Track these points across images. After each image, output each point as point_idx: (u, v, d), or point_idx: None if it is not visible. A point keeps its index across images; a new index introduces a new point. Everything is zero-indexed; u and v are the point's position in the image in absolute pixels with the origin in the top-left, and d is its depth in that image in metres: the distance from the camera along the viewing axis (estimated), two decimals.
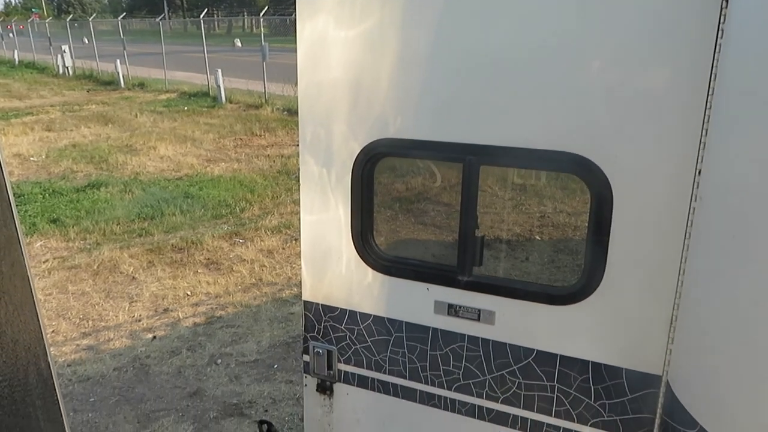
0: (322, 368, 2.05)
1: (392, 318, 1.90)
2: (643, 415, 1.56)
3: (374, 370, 1.97)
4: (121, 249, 7.38)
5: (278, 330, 5.65)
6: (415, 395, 1.92)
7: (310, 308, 2.04)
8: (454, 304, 1.78)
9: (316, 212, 1.96)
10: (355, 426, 2.08)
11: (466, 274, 1.74)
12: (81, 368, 4.99)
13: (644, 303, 1.52)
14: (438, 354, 1.84)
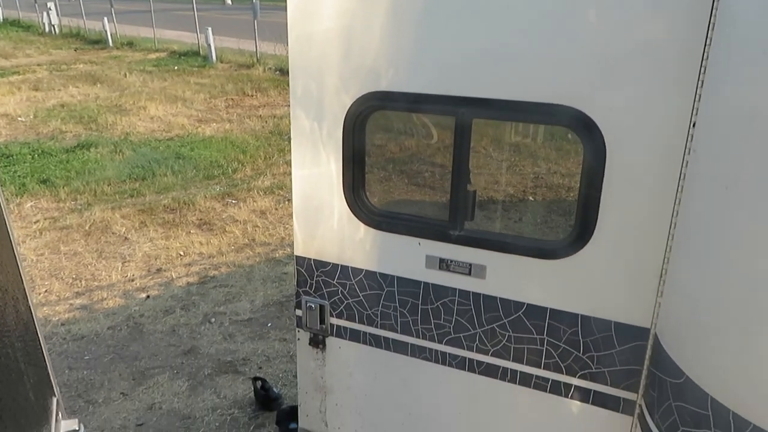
0: (314, 322, 2.06)
1: (384, 272, 1.90)
2: (630, 367, 1.59)
3: (366, 324, 1.99)
4: (112, 209, 7.34)
5: (271, 289, 5.68)
6: (407, 348, 1.94)
7: (302, 263, 2.04)
8: (445, 259, 1.78)
9: (307, 167, 1.94)
10: (347, 379, 2.10)
11: (457, 228, 1.74)
12: (75, 327, 5.02)
13: (634, 257, 1.53)
14: (429, 308, 1.86)
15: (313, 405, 2.22)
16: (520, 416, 1.81)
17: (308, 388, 2.21)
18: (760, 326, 1.16)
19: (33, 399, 0.86)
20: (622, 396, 1.63)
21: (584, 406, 1.69)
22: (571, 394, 1.70)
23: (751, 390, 1.18)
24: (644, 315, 1.54)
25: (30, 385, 0.86)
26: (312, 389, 2.20)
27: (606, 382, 1.64)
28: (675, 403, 1.35)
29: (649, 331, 1.54)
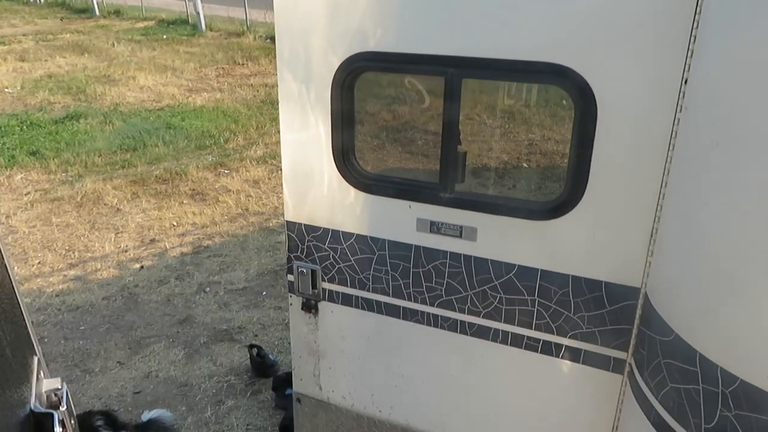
0: (306, 287, 2.06)
1: (375, 236, 1.90)
2: (620, 327, 1.59)
3: (358, 288, 1.99)
4: (104, 181, 7.29)
5: (266, 258, 5.68)
6: (399, 312, 1.94)
7: (293, 228, 2.03)
8: (436, 222, 1.77)
9: (296, 131, 1.91)
10: (340, 343, 2.11)
11: (448, 190, 1.73)
12: (69, 298, 5.02)
13: (625, 217, 1.52)
14: (420, 271, 1.85)
15: (306, 369, 2.23)
16: (512, 377, 1.82)
17: (302, 352, 2.22)
18: (748, 284, 1.16)
19: (11, 356, 0.86)
20: (612, 355, 1.64)
21: (575, 366, 1.70)
22: (562, 354, 1.71)
23: (738, 346, 1.19)
24: (634, 275, 1.54)
25: (6, 342, 0.85)
26: (305, 353, 2.21)
27: (596, 342, 1.65)
28: (664, 361, 1.36)
29: (640, 290, 1.54)
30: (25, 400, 0.88)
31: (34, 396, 0.90)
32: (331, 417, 2.26)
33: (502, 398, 1.87)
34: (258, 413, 3.73)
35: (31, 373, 0.94)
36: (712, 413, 1.23)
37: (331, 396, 2.23)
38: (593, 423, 1.73)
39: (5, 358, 0.83)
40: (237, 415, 3.72)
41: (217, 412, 3.74)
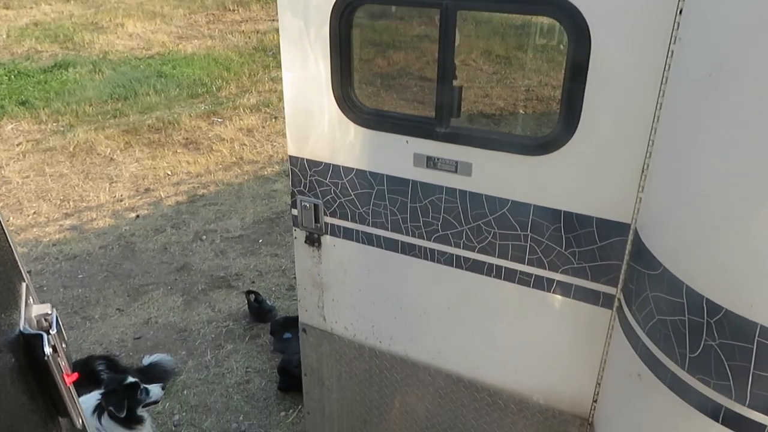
0: (309, 221, 2.10)
1: (374, 171, 1.91)
2: (610, 262, 1.61)
3: (358, 223, 2.02)
4: (96, 130, 7.21)
5: (261, 207, 5.69)
6: (397, 246, 1.98)
7: (296, 163, 2.05)
8: (432, 157, 1.78)
9: (297, 69, 1.90)
10: (342, 275, 2.16)
11: (443, 125, 1.73)
12: (66, 247, 5.04)
13: (617, 152, 1.52)
14: (418, 206, 1.88)
15: (311, 301, 2.30)
16: (505, 310, 1.86)
17: (306, 284, 2.28)
18: (733, 217, 1.17)
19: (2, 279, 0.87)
20: (602, 290, 1.66)
21: (565, 301, 1.73)
22: (553, 289, 1.74)
23: (723, 277, 1.21)
24: (625, 211, 1.54)
25: None
26: (310, 286, 2.27)
27: (587, 277, 1.67)
28: (652, 294, 1.38)
29: (630, 226, 1.55)
30: (14, 322, 0.89)
31: (24, 320, 0.91)
32: (334, 347, 2.34)
33: (495, 331, 1.92)
34: (257, 356, 3.81)
35: (20, 298, 0.95)
36: (697, 343, 1.26)
37: (334, 327, 2.30)
38: (583, 356, 1.78)
39: None
40: (236, 358, 3.80)
41: (217, 355, 3.82)
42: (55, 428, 0.97)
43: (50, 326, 0.92)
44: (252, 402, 3.44)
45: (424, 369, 2.13)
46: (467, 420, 2.11)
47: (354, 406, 2.43)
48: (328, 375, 2.43)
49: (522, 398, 1.95)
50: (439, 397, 2.14)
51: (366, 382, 2.33)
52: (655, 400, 1.40)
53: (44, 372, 0.88)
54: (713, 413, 1.26)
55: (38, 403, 0.91)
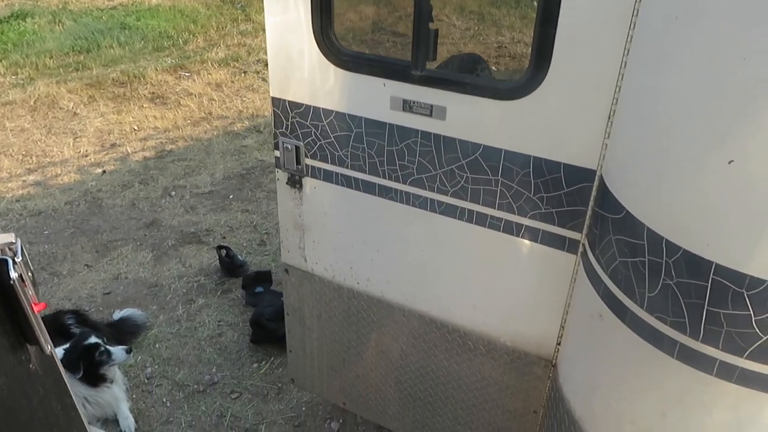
0: (291, 163, 2.13)
1: (352, 114, 1.92)
2: (576, 208, 1.65)
3: (338, 165, 2.04)
4: (57, 84, 6.98)
5: (231, 162, 5.62)
6: (375, 189, 2.01)
7: (278, 105, 2.06)
8: (408, 100, 1.79)
9: (279, 12, 1.89)
10: (322, 217, 2.20)
11: (419, 68, 1.73)
12: (31, 203, 4.93)
13: (585, 98, 1.53)
14: (394, 149, 1.89)
15: (293, 242, 2.34)
16: (475, 254, 1.91)
17: (288, 226, 2.32)
18: (692, 160, 1.20)
19: None
20: (568, 236, 1.70)
21: (533, 245, 1.77)
22: (522, 233, 1.78)
23: (682, 218, 1.25)
24: (592, 157, 1.57)
25: None
26: (291, 227, 2.31)
27: (554, 222, 1.71)
28: (614, 237, 1.42)
29: (596, 172, 1.59)
30: None
31: None
32: (315, 287, 2.39)
33: (465, 274, 1.97)
34: (229, 310, 3.83)
35: None
36: (656, 282, 1.31)
37: (314, 268, 2.35)
38: (548, 300, 1.83)
39: None
40: (208, 312, 3.81)
41: (189, 310, 3.83)
42: (24, 355, 0.97)
43: (15, 254, 0.91)
44: (225, 354, 3.47)
45: (399, 310, 2.19)
46: (439, 360, 2.19)
47: (333, 344, 2.50)
48: (308, 314, 2.50)
49: (490, 340, 2.01)
50: (412, 337, 2.21)
51: (344, 322, 2.39)
52: (614, 339, 1.46)
53: (11, 298, 0.88)
54: (669, 349, 1.31)
55: (5, 328, 0.91)
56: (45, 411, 1.01)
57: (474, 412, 2.22)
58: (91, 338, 2.94)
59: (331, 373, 2.60)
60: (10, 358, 0.91)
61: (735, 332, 1.20)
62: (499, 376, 2.07)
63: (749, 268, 1.15)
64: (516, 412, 2.11)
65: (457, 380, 2.19)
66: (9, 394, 0.87)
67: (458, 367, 2.15)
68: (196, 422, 3.04)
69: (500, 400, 2.12)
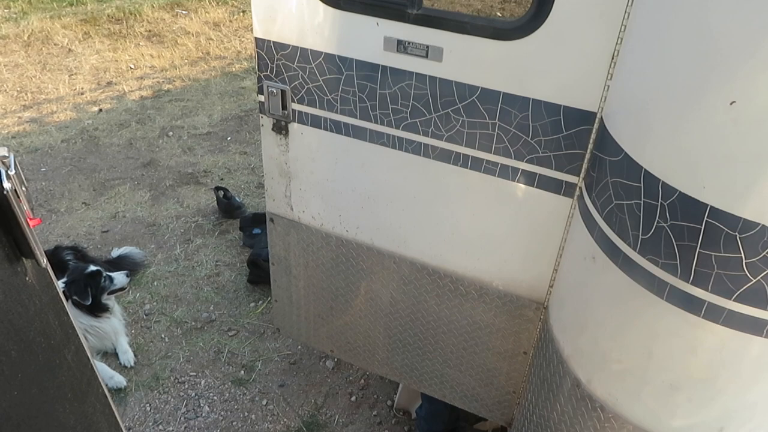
0: (276, 108, 2.05)
1: (343, 56, 1.85)
2: (574, 151, 1.64)
3: (326, 110, 1.98)
4: (51, 19, 6.82)
5: (229, 104, 5.56)
6: (366, 134, 1.96)
7: (262, 46, 1.97)
8: (403, 41, 1.73)
9: None
10: (310, 164, 2.14)
11: (415, 6, 1.66)
12: (27, 140, 4.90)
13: (589, 39, 1.50)
14: (387, 93, 1.84)
15: (278, 190, 2.29)
16: (470, 199, 1.89)
17: (273, 173, 2.26)
18: (693, 102, 1.19)
19: None
20: (565, 179, 1.70)
21: (529, 189, 1.76)
22: (518, 178, 1.76)
23: (679, 161, 1.24)
24: (592, 99, 1.55)
25: None
26: (277, 175, 2.25)
27: (551, 166, 1.70)
28: (611, 180, 1.42)
29: (596, 115, 1.57)
30: None
31: None
32: (301, 236, 2.36)
33: (459, 220, 1.96)
34: (226, 251, 3.86)
35: None
36: (650, 225, 1.32)
37: (301, 216, 2.31)
38: (542, 244, 1.84)
39: None
40: (206, 252, 3.84)
41: (186, 249, 3.86)
42: (20, 267, 0.98)
43: (9, 167, 0.91)
44: (222, 293, 3.52)
45: (390, 257, 2.18)
46: (429, 306, 2.21)
47: (320, 293, 2.50)
48: (295, 264, 2.48)
49: (482, 285, 2.03)
50: (403, 284, 2.22)
51: (332, 270, 2.38)
52: (606, 281, 1.47)
53: (5, 209, 0.89)
54: (659, 291, 1.33)
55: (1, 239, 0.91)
56: (42, 323, 1.03)
57: (464, 355, 2.26)
58: (90, 267, 2.98)
59: (318, 321, 2.61)
60: (5, 268, 0.92)
61: (725, 275, 1.22)
62: (490, 319, 2.10)
63: (743, 211, 1.15)
64: (506, 353, 2.15)
65: (447, 324, 2.22)
66: (4, 300, 0.88)
67: (449, 312, 2.18)
68: (194, 357, 3.11)
69: (490, 342, 2.16)
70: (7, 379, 0.83)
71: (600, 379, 1.56)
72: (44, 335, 1.03)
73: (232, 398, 2.91)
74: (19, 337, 0.91)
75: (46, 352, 1.04)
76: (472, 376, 2.29)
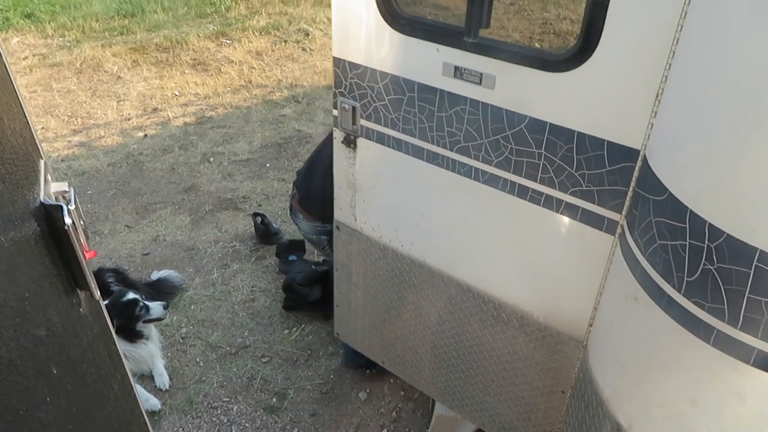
0: (347, 122, 2.19)
1: (406, 78, 1.95)
2: (617, 188, 1.62)
3: (390, 128, 2.09)
4: (102, 47, 7.10)
5: (269, 131, 5.67)
6: (423, 153, 2.04)
7: (339, 65, 2.11)
8: (459, 67, 1.80)
9: None
10: (373, 178, 2.26)
11: (471, 35, 1.73)
12: (75, 163, 5.07)
13: (634, 75, 1.49)
14: (444, 116, 1.91)
15: (345, 200, 2.42)
16: (515, 226, 1.91)
17: (342, 184, 2.40)
18: (743, 142, 1.17)
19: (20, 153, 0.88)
20: (607, 216, 1.67)
21: (572, 223, 1.75)
22: (561, 209, 1.76)
23: (727, 202, 1.21)
24: (636, 136, 1.53)
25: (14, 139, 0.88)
26: (345, 185, 2.38)
27: (594, 201, 1.68)
28: (655, 219, 1.39)
29: (639, 152, 1.55)
30: (36, 194, 0.92)
31: (44, 193, 0.94)
32: (362, 246, 2.46)
33: (503, 246, 1.97)
34: (262, 276, 3.90)
35: (39, 174, 0.98)
36: (696, 267, 1.28)
37: (363, 227, 2.42)
38: (582, 279, 1.81)
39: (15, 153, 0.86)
40: (242, 277, 3.88)
41: (223, 274, 3.91)
42: (76, 298, 1.02)
43: (69, 202, 0.95)
44: (257, 319, 3.55)
45: (439, 276, 2.22)
46: (473, 329, 2.22)
47: (376, 303, 2.58)
48: (355, 272, 2.58)
49: (524, 314, 2.01)
50: (450, 304, 2.24)
51: (387, 282, 2.45)
52: (649, 322, 1.44)
53: (64, 243, 0.92)
54: (705, 335, 1.29)
55: (60, 272, 0.95)
56: (93, 354, 1.06)
57: (503, 385, 2.23)
58: (129, 294, 3.04)
59: (372, 331, 2.68)
60: (63, 300, 0.96)
61: None
62: (530, 351, 2.07)
63: None
64: (544, 389, 2.11)
65: (489, 351, 2.21)
66: (63, 332, 0.91)
67: (491, 339, 2.17)
68: (228, 383, 3.13)
69: (529, 375, 2.12)
70: (63, 413, 0.86)
71: (641, 424, 1.51)
72: (95, 366, 1.05)
73: (263, 426, 2.91)
74: (74, 369, 0.94)
75: (96, 383, 1.06)
76: (510, 408, 2.26)
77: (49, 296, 0.89)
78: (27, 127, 0.96)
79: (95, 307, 1.10)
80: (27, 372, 0.74)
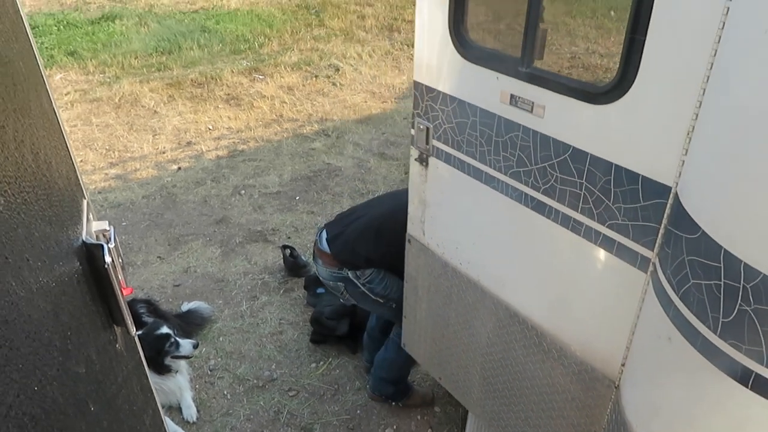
0: (422, 142, 2.32)
1: (471, 103, 2.05)
2: (649, 224, 1.60)
3: (455, 149, 2.19)
4: (140, 83, 7.34)
5: (299, 164, 5.75)
6: (482, 176, 2.12)
7: (418, 88, 2.26)
8: (515, 95, 1.87)
9: (426, 6, 2.12)
10: (440, 196, 2.37)
11: (525, 65, 1.80)
12: (111, 195, 5.21)
13: (666, 112, 1.48)
14: (500, 140, 1.98)
15: (416, 215, 2.54)
16: (557, 255, 1.93)
17: (414, 199, 2.52)
18: None
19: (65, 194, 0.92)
20: (640, 252, 1.65)
21: (608, 256, 1.74)
22: (599, 241, 1.75)
23: (762, 242, 1.19)
24: (669, 172, 1.52)
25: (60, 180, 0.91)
26: (417, 201, 2.50)
27: (629, 236, 1.66)
28: (688, 258, 1.37)
29: (671, 189, 1.53)
30: (79, 233, 0.96)
31: (86, 232, 0.98)
32: (428, 260, 2.55)
33: (545, 273, 2.00)
34: (290, 309, 3.92)
35: (82, 213, 1.02)
36: (731, 307, 1.25)
37: (429, 242, 2.52)
38: (616, 315, 1.78)
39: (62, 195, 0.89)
40: (270, 310, 3.91)
41: (252, 306, 3.94)
42: (113, 335, 1.04)
43: (109, 240, 0.98)
44: (284, 352, 3.55)
45: (490, 297, 2.26)
46: (517, 355, 2.22)
47: (437, 318, 2.64)
48: (421, 285, 2.66)
49: (562, 345, 2.01)
50: (498, 327, 2.27)
51: (447, 298, 2.52)
52: (683, 364, 1.40)
53: (104, 281, 0.95)
54: (743, 378, 1.25)
55: (99, 309, 0.97)
56: (127, 390, 1.08)
57: (542, 417, 2.21)
58: (162, 328, 3.08)
59: (432, 345, 2.75)
60: (101, 337, 0.98)
61: None
62: (567, 384, 2.04)
63: None
64: (579, 427, 2.06)
65: (531, 380, 2.21)
66: (101, 369, 0.93)
67: (533, 367, 2.17)
68: (254, 416, 3.12)
69: (565, 410, 2.09)
70: None
71: None
72: (129, 402, 1.07)
73: None
74: (110, 405, 0.96)
75: (130, 419, 1.08)
76: None
77: (88, 333, 0.91)
78: (72, 169, 1.01)
79: (130, 342, 1.12)
80: (67, 410, 0.76)
